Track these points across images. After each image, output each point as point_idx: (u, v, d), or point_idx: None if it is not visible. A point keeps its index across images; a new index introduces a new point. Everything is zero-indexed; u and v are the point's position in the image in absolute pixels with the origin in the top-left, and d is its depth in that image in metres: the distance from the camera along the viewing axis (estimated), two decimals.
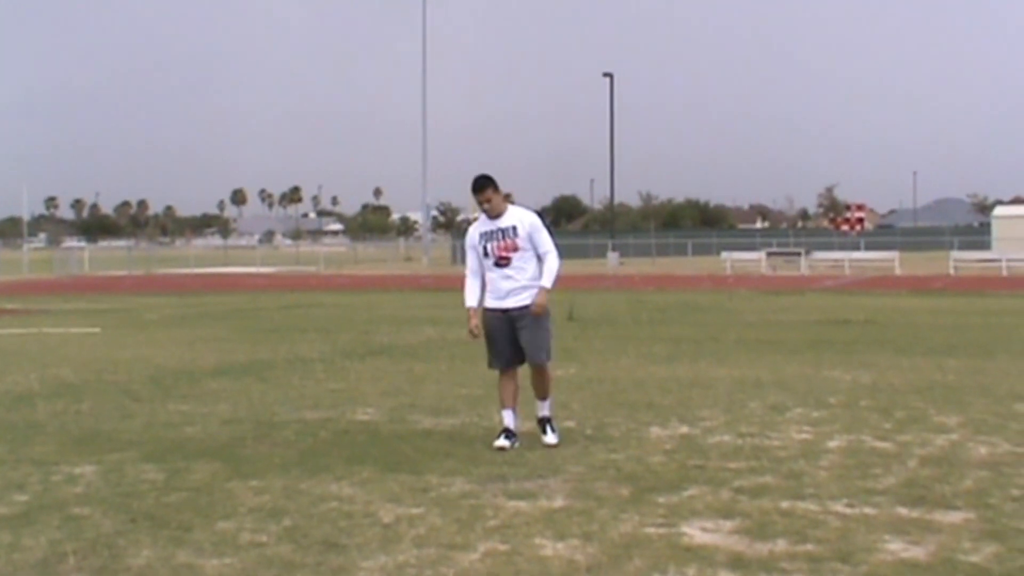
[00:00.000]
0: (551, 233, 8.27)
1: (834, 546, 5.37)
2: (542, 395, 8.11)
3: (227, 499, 6.42)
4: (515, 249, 7.89)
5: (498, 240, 7.91)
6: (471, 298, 8.05)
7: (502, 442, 7.84)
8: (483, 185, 7.88)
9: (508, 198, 8.12)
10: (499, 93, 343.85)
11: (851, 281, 37.49)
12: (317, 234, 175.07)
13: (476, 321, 7.98)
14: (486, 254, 7.95)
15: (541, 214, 8.61)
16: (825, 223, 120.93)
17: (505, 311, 7.92)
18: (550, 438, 7.96)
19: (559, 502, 6.28)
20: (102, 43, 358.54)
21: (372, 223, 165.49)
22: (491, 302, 7.99)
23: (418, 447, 7.91)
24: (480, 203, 7.94)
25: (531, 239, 7.92)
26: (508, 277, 7.91)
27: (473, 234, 8.06)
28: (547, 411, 8.11)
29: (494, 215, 7.94)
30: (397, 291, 33.14)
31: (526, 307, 7.89)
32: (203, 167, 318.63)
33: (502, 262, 7.90)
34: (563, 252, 8.61)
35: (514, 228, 7.91)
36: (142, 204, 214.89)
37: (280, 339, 16.55)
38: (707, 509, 6.09)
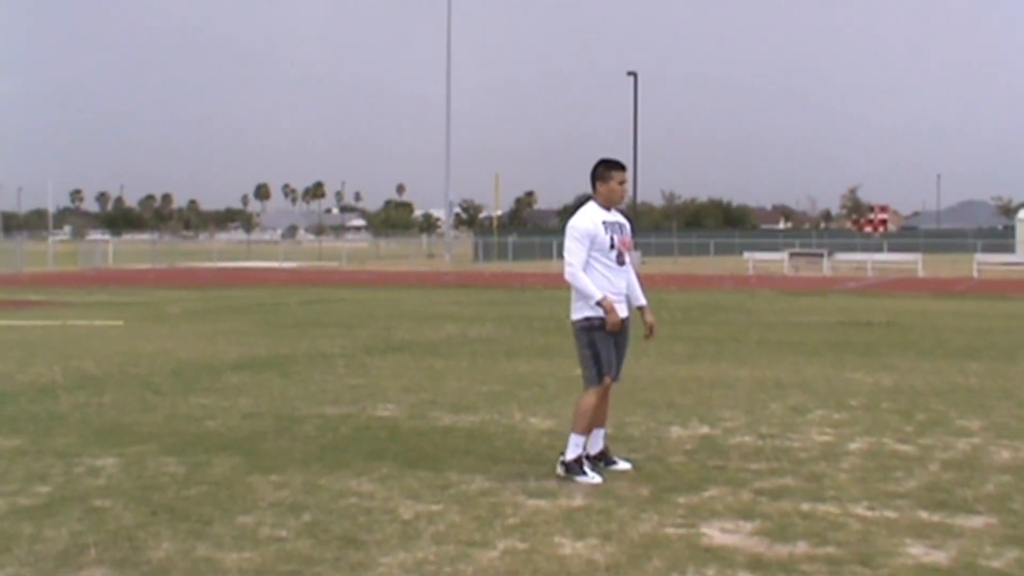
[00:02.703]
0: None
1: (854, 549, 5.34)
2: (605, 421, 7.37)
3: (247, 493, 6.44)
4: (630, 247, 7.18)
5: (619, 233, 7.07)
6: (597, 288, 6.92)
7: (620, 468, 7.10)
8: (624, 165, 7.22)
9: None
10: (522, 92, 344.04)
11: (873, 283, 37.30)
12: (340, 229, 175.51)
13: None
14: (612, 246, 7.01)
15: None
16: (848, 224, 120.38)
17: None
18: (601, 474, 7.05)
19: (578, 501, 6.28)
20: (128, 36, 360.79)
21: (395, 219, 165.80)
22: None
23: (438, 444, 7.92)
24: (620, 183, 7.10)
25: None
26: (623, 275, 7.11)
27: (596, 219, 7.01)
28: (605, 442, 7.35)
29: (617, 202, 7.17)
30: (419, 287, 33.17)
31: (628, 317, 7.15)
32: (227, 162, 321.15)
33: (622, 259, 7.08)
34: None
35: (623, 225, 7.20)
36: (166, 198, 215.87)
37: (301, 334, 16.60)
38: (727, 510, 6.08)
